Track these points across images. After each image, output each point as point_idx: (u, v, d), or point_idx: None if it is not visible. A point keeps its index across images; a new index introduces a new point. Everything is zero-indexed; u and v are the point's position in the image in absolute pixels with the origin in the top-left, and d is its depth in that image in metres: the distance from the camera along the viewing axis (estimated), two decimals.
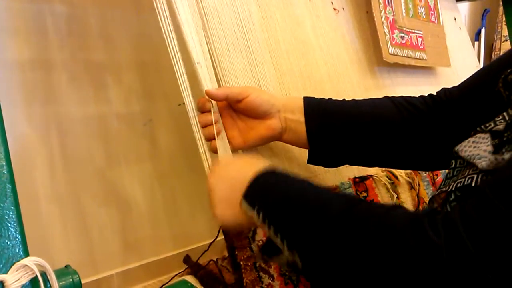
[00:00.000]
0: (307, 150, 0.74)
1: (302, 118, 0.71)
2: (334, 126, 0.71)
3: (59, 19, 0.92)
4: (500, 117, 0.54)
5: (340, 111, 0.72)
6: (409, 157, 0.74)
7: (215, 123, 0.67)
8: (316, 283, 0.51)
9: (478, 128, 0.56)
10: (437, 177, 1.08)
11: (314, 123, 0.71)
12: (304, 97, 0.72)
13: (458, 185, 0.52)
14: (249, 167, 0.58)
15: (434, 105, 0.74)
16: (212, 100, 0.68)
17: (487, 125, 0.54)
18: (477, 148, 0.53)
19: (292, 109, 0.71)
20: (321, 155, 0.73)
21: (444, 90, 0.76)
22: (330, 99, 0.75)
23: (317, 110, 0.71)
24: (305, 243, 0.49)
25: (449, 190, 0.53)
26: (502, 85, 0.55)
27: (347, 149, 0.72)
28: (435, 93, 0.76)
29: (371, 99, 0.76)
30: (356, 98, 0.76)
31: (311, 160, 0.74)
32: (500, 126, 0.52)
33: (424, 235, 0.42)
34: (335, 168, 0.85)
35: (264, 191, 0.55)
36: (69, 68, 0.93)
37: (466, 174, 0.53)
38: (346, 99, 0.75)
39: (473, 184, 0.50)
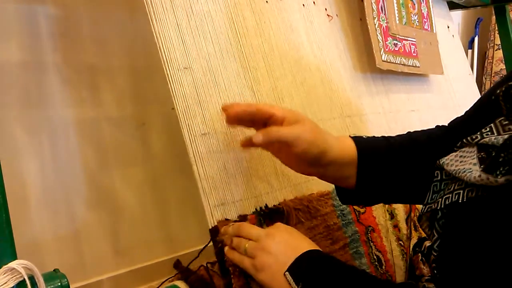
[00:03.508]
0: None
1: (353, 171, 0.66)
2: (386, 179, 0.68)
3: (52, 21, 0.92)
4: (488, 129, 0.53)
5: (398, 165, 0.68)
6: None
7: None
8: None
9: (464, 140, 0.55)
10: None
11: (366, 179, 0.67)
12: (358, 152, 0.66)
13: (446, 202, 0.51)
14: (308, 244, 0.60)
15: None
16: None
17: (474, 137, 0.54)
18: (464, 163, 0.52)
19: (346, 163, 0.66)
20: (362, 200, 0.72)
21: (454, 120, 0.75)
22: (386, 144, 0.70)
23: (372, 167, 0.67)
24: None
25: (438, 207, 0.53)
26: (502, 97, 0.54)
27: (394, 193, 0.70)
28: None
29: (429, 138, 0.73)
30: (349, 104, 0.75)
31: (346, 201, 0.72)
32: (487, 139, 0.51)
33: None
34: None
35: (312, 273, 0.56)
36: (62, 71, 0.92)
37: (452, 189, 0.52)
38: (404, 141, 0.71)
39: (460, 200, 0.49)
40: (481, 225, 0.44)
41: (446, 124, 0.76)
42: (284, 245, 0.60)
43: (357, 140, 0.68)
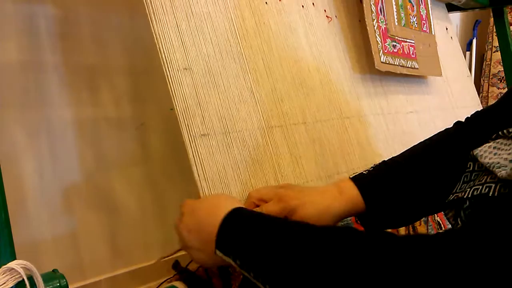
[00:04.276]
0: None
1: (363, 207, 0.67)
2: (395, 201, 0.68)
3: (51, 21, 0.91)
4: None
5: (401, 184, 0.68)
6: None
7: None
8: None
9: (500, 132, 0.54)
10: None
11: (377, 210, 0.67)
12: (360, 190, 0.67)
13: (475, 193, 0.50)
14: (215, 211, 0.57)
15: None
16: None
17: (511, 130, 0.52)
18: (498, 156, 0.51)
19: (355, 206, 0.67)
20: (383, 225, 0.71)
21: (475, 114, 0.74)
22: (384, 170, 0.71)
23: (377, 197, 0.67)
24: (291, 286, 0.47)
25: (464, 196, 0.52)
26: None
27: (411, 211, 0.71)
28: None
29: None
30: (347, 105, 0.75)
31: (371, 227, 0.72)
32: None
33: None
34: (327, 174, 0.86)
35: (237, 238, 0.54)
36: (61, 71, 0.92)
37: (483, 181, 0.51)
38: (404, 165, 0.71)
39: (490, 194, 0.48)
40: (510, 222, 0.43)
41: (443, 126, 0.76)
42: (195, 234, 0.59)
43: (356, 178, 0.69)
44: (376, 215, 0.68)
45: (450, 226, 0.60)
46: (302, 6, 0.96)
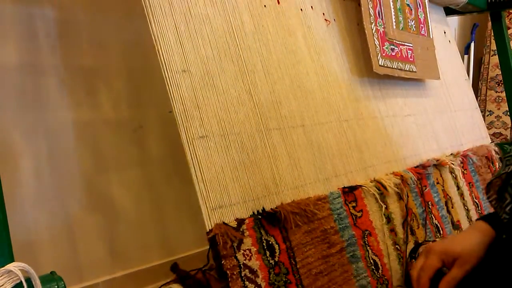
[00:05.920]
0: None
1: None
2: None
3: (50, 23, 0.92)
4: None
5: None
6: None
7: None
8: None
9: None
10: (426, 188, 1.08)
11: None
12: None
13: None
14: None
15: None
16: None
17: None
18: None
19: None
20: None
21: None
22: None
23: None
24: None
25: (508, 171, 0.57)
26: None
27: None
28: None
29: None
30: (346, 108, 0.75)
31: None
32: None
33: None
34: (325, 177, 0.86)
35: None
36: (59, 73, 0.92)
37: None
38: None
39: None
40: None
41: (441, 129, 0.78)
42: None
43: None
44: None
45: (448, 227, 0.61)
46: (301, 9, 0.97)
